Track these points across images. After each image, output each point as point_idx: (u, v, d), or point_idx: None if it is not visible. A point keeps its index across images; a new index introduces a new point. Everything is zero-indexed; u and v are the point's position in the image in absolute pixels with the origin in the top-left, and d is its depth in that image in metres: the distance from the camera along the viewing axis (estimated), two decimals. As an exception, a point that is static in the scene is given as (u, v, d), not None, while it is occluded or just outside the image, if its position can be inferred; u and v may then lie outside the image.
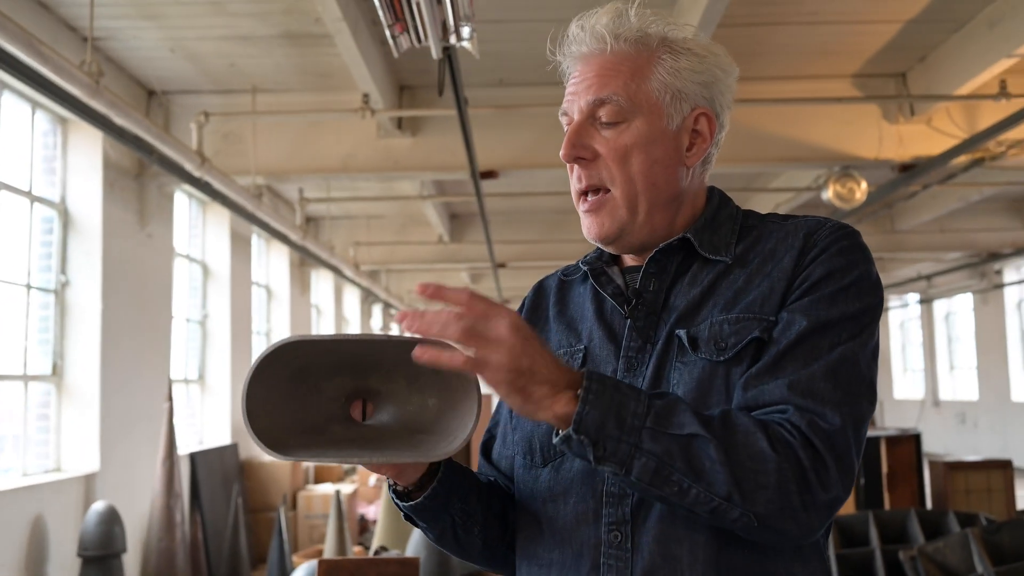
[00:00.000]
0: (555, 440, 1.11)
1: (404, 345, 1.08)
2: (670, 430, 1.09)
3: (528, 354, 1.06)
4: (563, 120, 1.34)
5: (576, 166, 1.30)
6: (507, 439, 1.41)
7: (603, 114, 1.28)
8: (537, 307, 1.47)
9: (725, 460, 1.07)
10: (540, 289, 1.50)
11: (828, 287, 1.19)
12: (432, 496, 1.26)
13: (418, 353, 1.05)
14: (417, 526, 1.35)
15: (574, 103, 1.31)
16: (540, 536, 1.28)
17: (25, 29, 3.76)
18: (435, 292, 1.06)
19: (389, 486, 1.30)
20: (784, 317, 1.19)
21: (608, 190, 1.29)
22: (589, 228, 1.31)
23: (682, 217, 1.33)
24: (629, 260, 1.37)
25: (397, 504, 1.30)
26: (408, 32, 3.33)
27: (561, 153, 1.29)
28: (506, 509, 1.38)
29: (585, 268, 1.38)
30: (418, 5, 3.11)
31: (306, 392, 1.15)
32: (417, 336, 1.06)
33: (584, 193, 1.31)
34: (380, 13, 3.21)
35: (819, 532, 1.15)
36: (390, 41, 3.42)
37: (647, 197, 1.29)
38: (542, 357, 1.08)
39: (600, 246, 1.34)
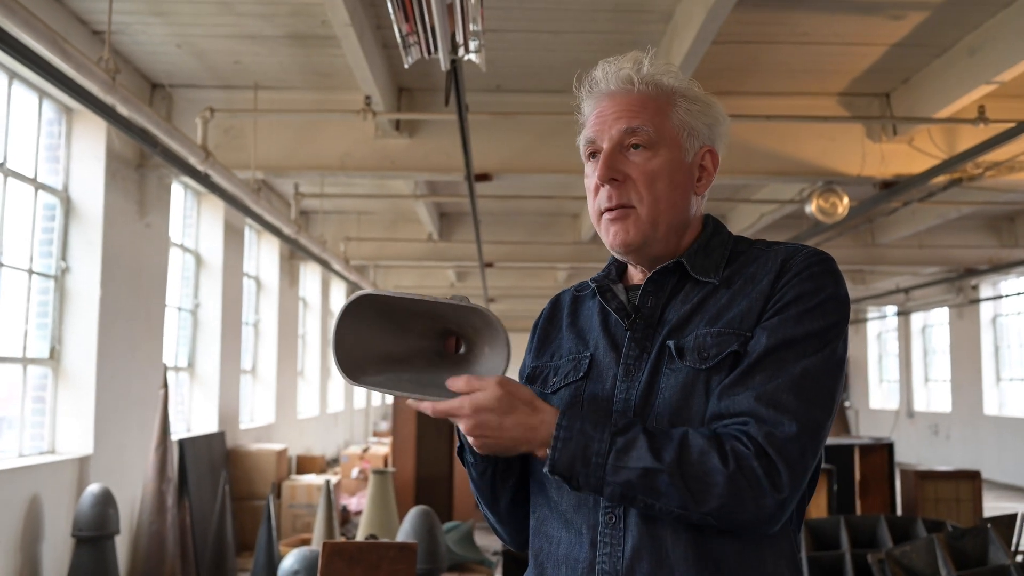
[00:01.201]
0: (543, 471, 1.37)
1: (461, 309, 1.36)
2: (628, 464, 1.32)
3: (492, 437, 1.35)
4: (586, 147, 1.54)
5: (608, 186, 1.48)
6: None
7: (633, 141, 1.49)
8: (553, 317, 1.67)
9: (678, 483, 1.30)
10: (557, 302, 1.70)
11: (796, 307, 1.39)
12: None
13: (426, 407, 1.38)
14: (464, 462, 1.56)
15: (604, 132, 1.50)
16: (549, 516, 1.49)
17: (50, 27, 3.89)
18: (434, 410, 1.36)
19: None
20: (757, 333, 1.39)
21: (634, 207, 1.48)
22: (616, 235, 1.49)
23: (686, 240, 1.55)
24: (633, 279, 1.58)
25: (458, 432, 1.50)
26: (420, 44, 3.50)
27: (598, 175, 1.49)
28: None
29: (593, 286, 1.59)
30: (431, 20, 3.27)
31: (396, 328, 1.41)
32: (467, 303, 1.34)
33: (610, 210, 1.50)
34: (395, 27, 3.37)
35: (779, 523, 1.34)
36: (402, 52, 3.58)
37: (667, 217, 1.50)
38: (504, 431, 1.35)
39: (619, 255, 1.54)
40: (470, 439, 1.37)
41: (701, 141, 1.54)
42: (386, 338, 1.40)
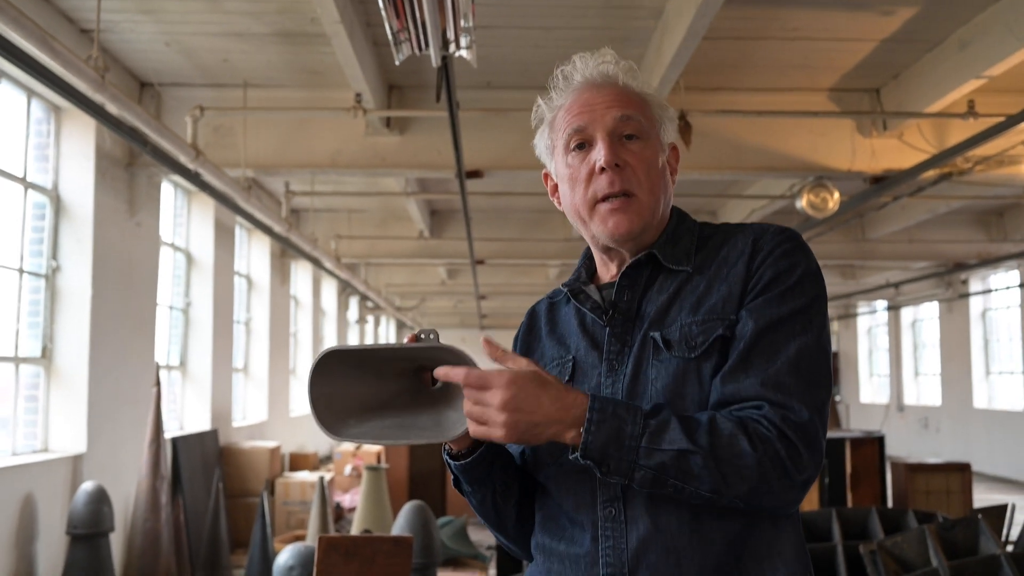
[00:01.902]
0: (571, 456, 1.33)
1: (429, 350, 1.35)
2: (662, 446, 1.30)
3: (526, 411, 1.30)
4: (572, 137, 1.53)
5: (610, 171, 1.49)
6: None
7: (628, 129, 1.51)
8: (532, 328, 1.68)
9: (711, 466, 1.30)
10: (533, 314, 1.71)
11: (777, 287, 1.42)
12: (480, 459, 1.47)
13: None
14: (463, 492, 1.56)
15: (596, 120, 1.51)
16: (552, 514, 1.50)
17: (39, 25, 3.89)
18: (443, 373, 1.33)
19: (443, 450, 1.51)
20: (743, 316, 1.41)
21: (633, 194, 1.49)
22: (617, 224, 1.49)
23: (661, 229, 1.57)
24: (604, 279, 1.59)
25: (450, 466, 1.51)
26: (411, 41, 3.50)
27: (604, 160, 1.48)
28: (534, 494, 1.59)
29: (566, 290, 1.61)
30: (422, 17, 3.28)
31: (370, 375, 1.39)
32: (445, 346, 1.33)
33: (606, 197, 1.50)
34: (386, 23, 3.37)
35: (800, 502, 1.38)
36: (393, 49, 3.58)
37: (660, 205, 1.53)
38: (541, 407, 1.31)
39: (614, 244, 1.53)
40: (500, 418, 1.29)
41: (669, 137, 1.59)
42: (362, 386, 1.39)
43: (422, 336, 1.35)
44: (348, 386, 1.38)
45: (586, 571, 1.41)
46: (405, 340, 1.35)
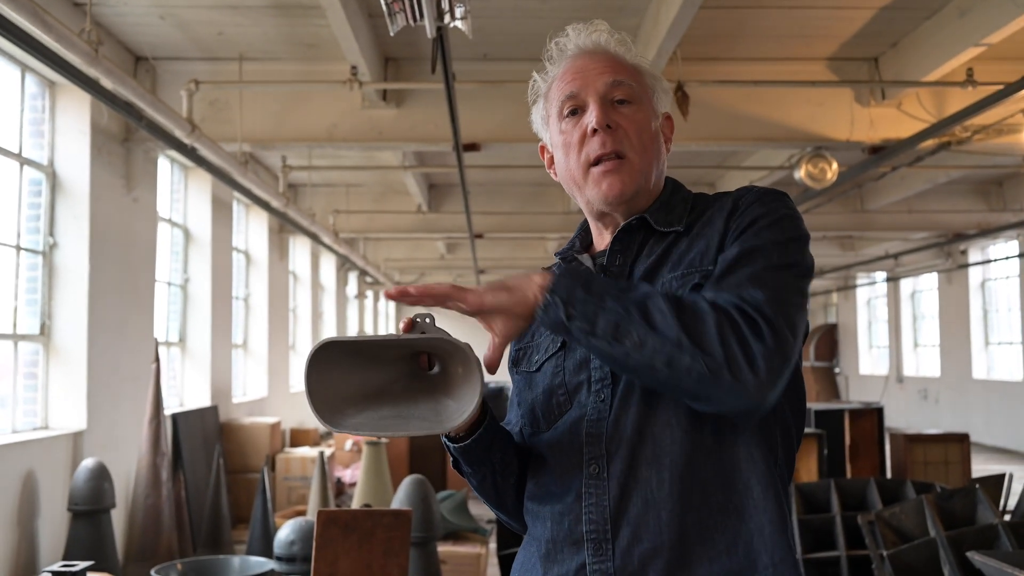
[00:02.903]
0: (537, 312, 1.32)
1: (426, 341, 1.34)
2: (630, 294, 1.31)
3: (497, 282, 1.34)
4: (565, 103, 1.55)
5: (602, 133, 1.49)
6: (515, 419, 1.63)
7: (619, 94, 1.52)
8: None
9: (673, 313, 1.28)
10: None
11: (754, 227, 1.41)
12: (478, 440, 1.47)
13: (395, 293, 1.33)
14: (462, 472, 1.57)
15: (588, 84, 1.53)
16: (542, 480, 1.51)
17: (30, -2, 3.85)
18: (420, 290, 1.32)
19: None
20: (720, 259, 1.40)
21: (625, 156, 1.50)
22: (611, 185, 1.50)
23: (654, 197, 1.57)
24: (599, 247, 1.60)
25: (448, 448, 1.51)
26: (405, 11, 3.47)
27: (595, 120, 1.49)
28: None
29: (558, 259, 1.63)
30: (416, -14, 3.25)
31: (367, 362, 1.38)
32: (443, 338, 1.31)
33: (598, 160, 1.51)
34: (380, -7, 3.34)
35: (769, 394, 1.29)
36: (387, 20, 3.55)
37: (653, 168, 1.54)
38: (519, 278, 1.34)
39: (608, 207, 1.54)
40: (482, 297, 1.32)
41: (663, 106, 1.60)
42: (358, 374, 1.38)
43: (418, 320, 1.33)
44: (344, 375, 1.36)
45: (569, 528, 1.42)
46: (400, 325, 1.33)
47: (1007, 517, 5.18)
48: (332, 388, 1.35)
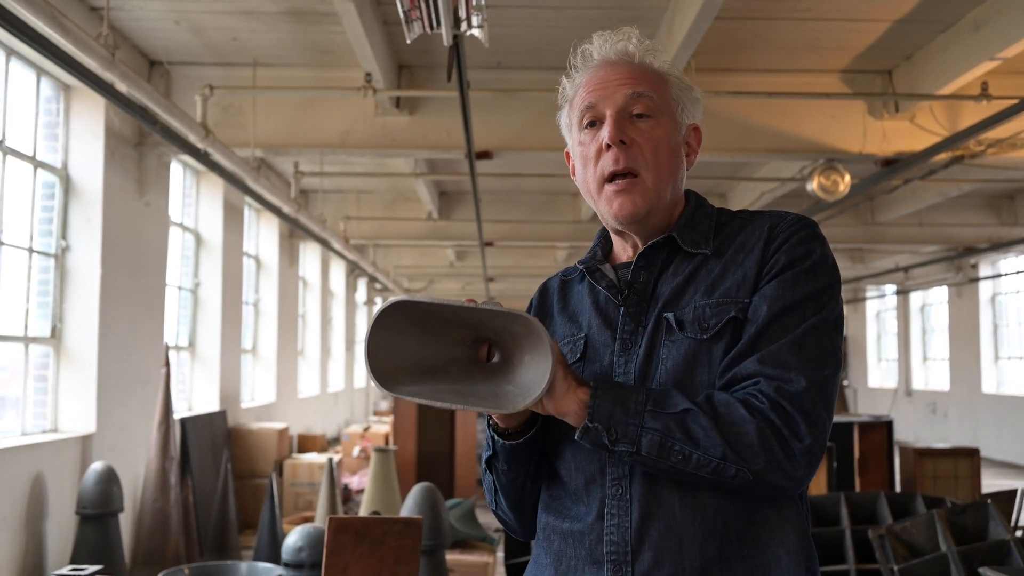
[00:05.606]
0: (576, 436, 1.35)
1: (503, 315, 1.31)
2: (667, 409, 1.33)
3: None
4: (584, 114, 1.54)
5: (615, 148, 1.48)
6: None
7: (638, 107, 1.50)
8: (543, 305, 1.68)
9: (714, 427, 1.31)
10: (545, 290, 1.71)
11: (791, 272, 1.41)
12: (530, 441, 1.48)
13: None
14: (494, 468, 1.55)
15: (607, 96, 1.51)
16: (559, 494, 1.50)
17: (48, 2, 3.86)
18: None
19: (488, 424, 1.51)
20: (756, 301, 1.41)
21: (638, 174, 1.49)
22: (622, 206, 1.49)
23: (674, 214, 1.56)
24: (620, 258, 1.59)
25: (494, 442, 1.50)
26: (422, 19, 3.48)
27: (608, 136, 1.48)
28: None
29: (581, 267, 1.61)
30: (434, -6, 3.25)
31: (429, 336, 1.36)
32: (507, 310, 1.30)
33: (612, 177, 1.50)
34: (397, 2, 3.34)
35: (807, 482, 1.36)
36: (404, 27, 3.56)
37: (668, 186, 1.52)
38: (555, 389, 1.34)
39: (621, 226, 1.53)
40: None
41: (690, 118, 1.57)
42: (419, 346, 1.36)
43: (489, 305, 1.31)
44: (406, 343, 1.34)
45: (590, 548, 1.41)
46: (464, 301, 1.31)
47: (1019, 533, 5.15)
48: (390, 354, 1.34)
